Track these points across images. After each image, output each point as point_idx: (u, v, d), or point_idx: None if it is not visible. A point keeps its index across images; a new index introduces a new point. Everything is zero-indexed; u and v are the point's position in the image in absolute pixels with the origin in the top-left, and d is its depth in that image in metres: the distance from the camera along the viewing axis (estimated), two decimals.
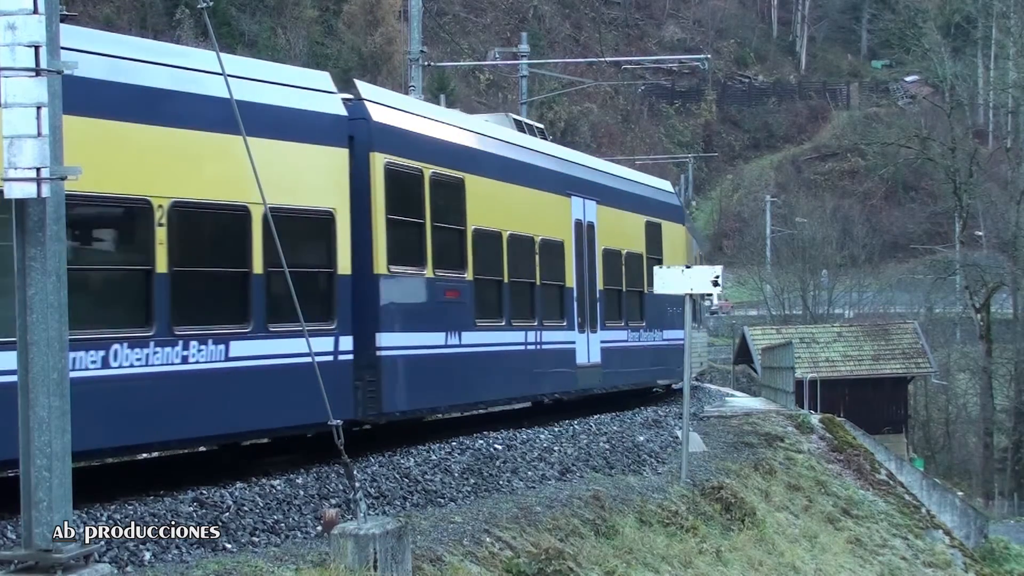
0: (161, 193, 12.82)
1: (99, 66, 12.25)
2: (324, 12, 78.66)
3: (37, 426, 8.25)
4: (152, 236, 12.68)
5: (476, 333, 18.28)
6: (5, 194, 8.18)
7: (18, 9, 8.05)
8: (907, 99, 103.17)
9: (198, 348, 13.14)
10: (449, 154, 17.95)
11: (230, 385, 13.61)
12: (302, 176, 14.87)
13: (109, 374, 11.95)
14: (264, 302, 13.96)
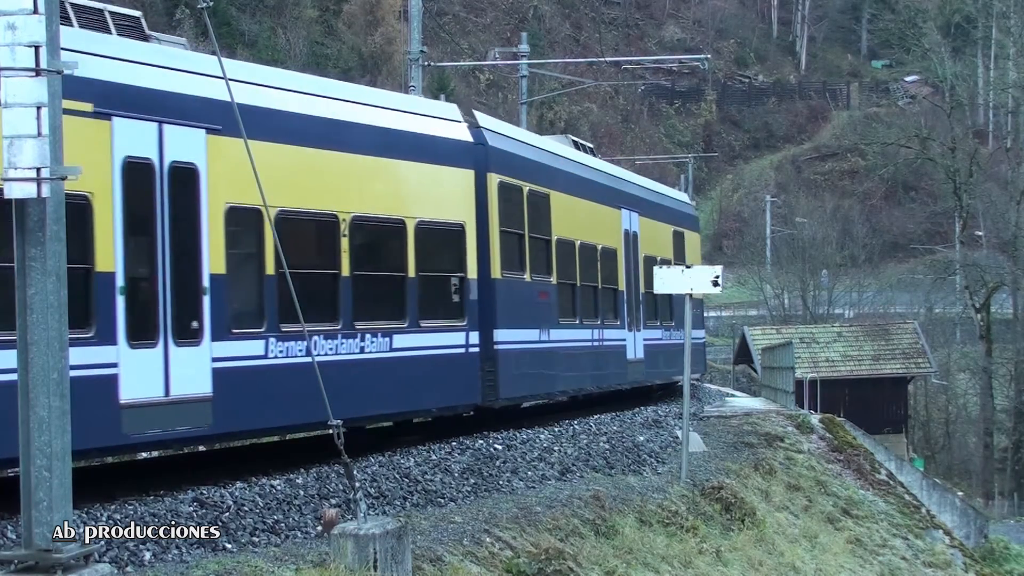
0: (344, 209, 15.51)
1: (294, 102, 15.06)
2: (324, 12, 78.61)
3: (37, 426, 8.25)
4: (338, 245, 15.33)
5: (559, 330, 21.17)
6: (5, 194, 8.19)
7: (18, 9, 8.05)
8: (907, 99, 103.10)
9: (371, 340, 15.84)
10: (540, 173, 20.87)
11: (393, 372, 16.21)
12: (442, 194, 17.69)
13: (307, 361, 13.57)
14: (417, 302, 16.72)
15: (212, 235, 13.56)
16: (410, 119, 17.34)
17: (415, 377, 16.60)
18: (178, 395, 12.95)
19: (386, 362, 16.10)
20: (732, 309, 77.44)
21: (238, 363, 13.74)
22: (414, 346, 16.68)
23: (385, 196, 16.46)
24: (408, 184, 16.93)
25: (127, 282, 12.54)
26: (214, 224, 13.58)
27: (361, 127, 16.13)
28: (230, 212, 13.78)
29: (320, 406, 12.21)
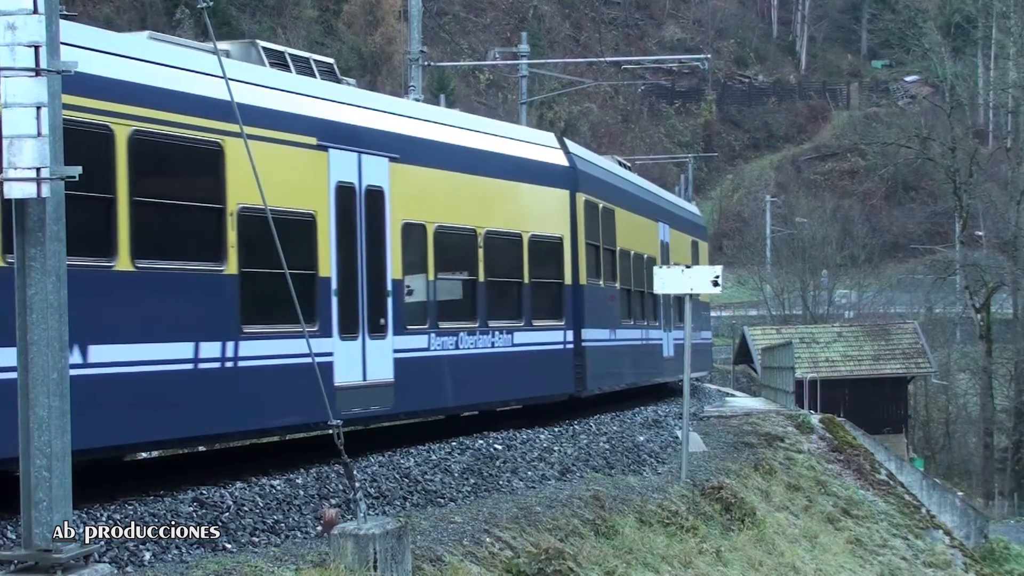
0: (480, 224, 18.52)
1: (445, 134, 18.08)
2: (324, 12, 78.61)
3: (37, 426, 8.25)
4: (476, 255, 18.28)
5: (621, 330, 24.29)
6: (5, 194, 8.19)
7: (18, 9, 8.05)
8: (907, 99, 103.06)
9: (499, 337, 18.83)
10: (609, 191, 24.06)
11: (514, 364, 19.28)
12: (547, 211, 20.80)
13: (457, 354, 17.63)
14: (530, 304, 19.76)
15: (393, 246, 16.42)
16: (525, 147, 20.73)
17: (529, 368, 19.79)
18: (372, 380, 15.75)
19: (509, 355, 19.23)
20: (732, 309, 77.40)
21: (411, 354, 16.68)
22: (528, 342, 19.79)
23: (508, 213, 19.66)
24: (523, 203, 20.22)
25: (339, 285, 15.25)
26: (394, 237, 16.46)
27: (491, 154, 19.32)
28: (405, 227, 16.69)
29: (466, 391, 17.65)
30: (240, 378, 13.68)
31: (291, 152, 14.64)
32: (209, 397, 13.34)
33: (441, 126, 18.28)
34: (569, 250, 21.03)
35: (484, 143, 19.26)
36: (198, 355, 13.15)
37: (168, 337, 12.83)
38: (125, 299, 12.37)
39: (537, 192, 20.51)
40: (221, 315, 13.50)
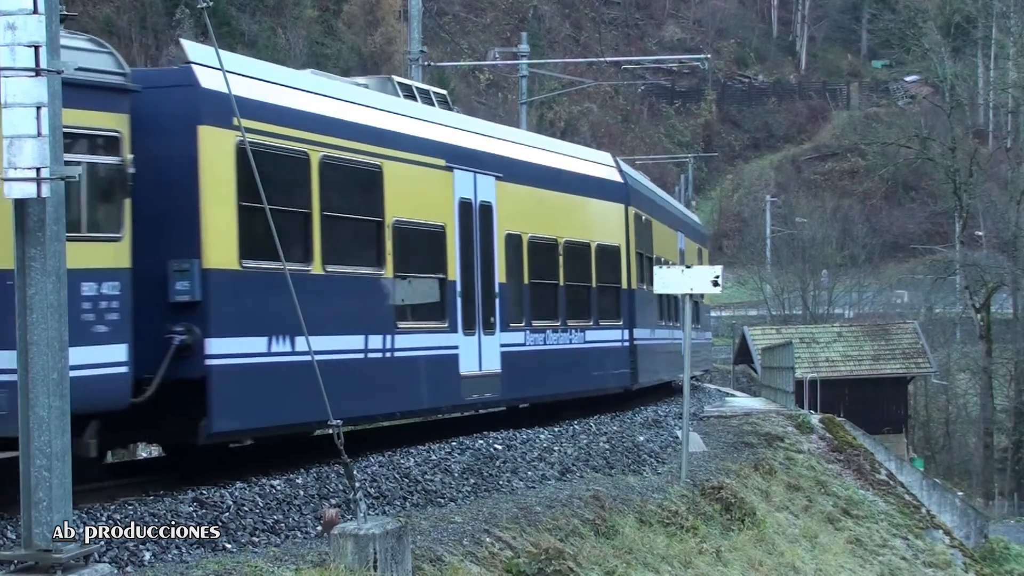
0: (560, 235, 21.05)
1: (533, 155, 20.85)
2: (324, 12, 78.58)
3: (37, 426, 8.25)
4: (557, 262, 20.80)
5: (659, 330, 26.92)
6: (5, 194, 8.19)
7: (18, 9, 8.05)
8: (907, 99, 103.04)
9: (575, 335, 21.42)
10: (647, 204, 26.82)
11: (587, 359, 21.90)
12: (608, 223, 23.33)
13: (544, 349, 20.38)
14: (597, 305, 22.25)
15: (499, 254, 18.89)
16: (589, 165, 23.39)
17: (597, 363, 22.28)
18: (486, 370, 18.44)
19: (583, 351, 21.86)
20: (732, 309, 77.43)
21: (512, 348, 19.27)
22: (597, 340, 22.34)
23: (580, 225, 22.27)
24: (591, 216, 22.83)
25: (462, 288, 17.83)
26: (500, 246, 18.93)
27: (567, 172, 21.96)
28: (507, 237, 19.23)
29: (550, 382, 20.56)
30: (394, 367, 16.24)
31: (428, 173, 17.26)
32: (373, 383, 15.83)
33: (529, 148, 21.13)
34: (624, 257, 23.50)
35: (561, 163, 22.06)
36: (367, 346, 15.66)
37: (347, 331, 15.33)
38: (317, 298, 14.57)
39: (600, 206, 23.23)
40: (382, 312, 16.09)
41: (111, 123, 12.05)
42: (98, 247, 11.84)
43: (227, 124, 13.07)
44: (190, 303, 12.87)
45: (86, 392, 11.29)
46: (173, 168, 12.94)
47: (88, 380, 11.54)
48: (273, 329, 13.88)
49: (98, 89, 11.90)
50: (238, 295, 13.47)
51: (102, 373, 11.94)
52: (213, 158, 13.19)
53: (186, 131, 13.07)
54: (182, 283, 12.89)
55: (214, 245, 13.16)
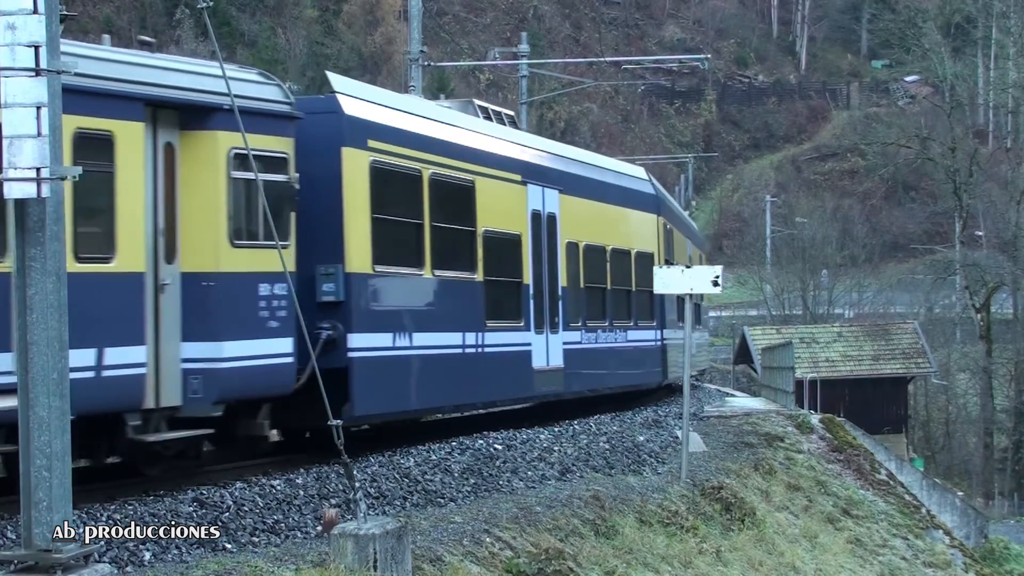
0: (607, 243, 23.50)
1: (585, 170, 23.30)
2: (324, 12, 78.59)
3: (37, 426, 8.25)
4: (606, 268, 23.14)
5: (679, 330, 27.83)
6: (5, 194, 8.19)
7: (18, 9, 8.05)
8: (907, 99, 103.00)
9: (619, 334, 23.69)
10: (671, 214, 29.72)
11: (629, 357, 24.18)
12: (644, 232, 25.88)
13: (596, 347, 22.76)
14: (636, 307, 24.64)
15: (561, 260, 21.12)
16: (627, 179, 25.87)
17: (636, 361, 24.44)
18: (552, 365, 20.67)
19: (625, 349, 24.17)
20: (732, 309, 77.43)
21: (572, 346, 21.49)
22: (636, 339, 24.75)
23: (623, 234, 24.60)
24: (631, 225, 25.26)
25: (533, 290, 20.13)
26: (561, 253, 21.17)
27: (611, 185, 24.43)
28: (568, 245, 21.50)
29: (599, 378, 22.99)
30: (484, 361, 18.53)
31: (507, 187, 19.60)
32: (468, 376, 18.08)
33: (582, 163, 23.65)
34: (657, 263, 24.86)
35: (607, 177, 24.59)
36: (464, 343, 17.91)
37: (450, 328, 17.55)
38: (428, 299, 17.14)
39: (638, 216, 25.74)
40: (476, 312, 18.31)
41: (281, 146, 14.13)
42: (271, 253, 13.06)
43: (363, 146, 15.59)
44: (335, 303, 15.07)
45: (262, 379, 13.77)
46: (321, 184, 14.88)
47: (264, 369, 13.73)
48: (396, 326, 16.18)
49: (272, 117, 14.00)
50: (372, 296, 15.81)
51: (274, 363, 13.92)
52: (353, 176, 15.38)
53: (332, 152, 15.15)
54: (328, 285, 15.07)
55: (354, 252, 15.32)
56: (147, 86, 12.76)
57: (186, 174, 13.17)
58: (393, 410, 16.59)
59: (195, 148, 13.21)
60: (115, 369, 12.19)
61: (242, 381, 13.52)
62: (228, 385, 13.31)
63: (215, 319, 13.22)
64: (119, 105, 12.32)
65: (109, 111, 12.20)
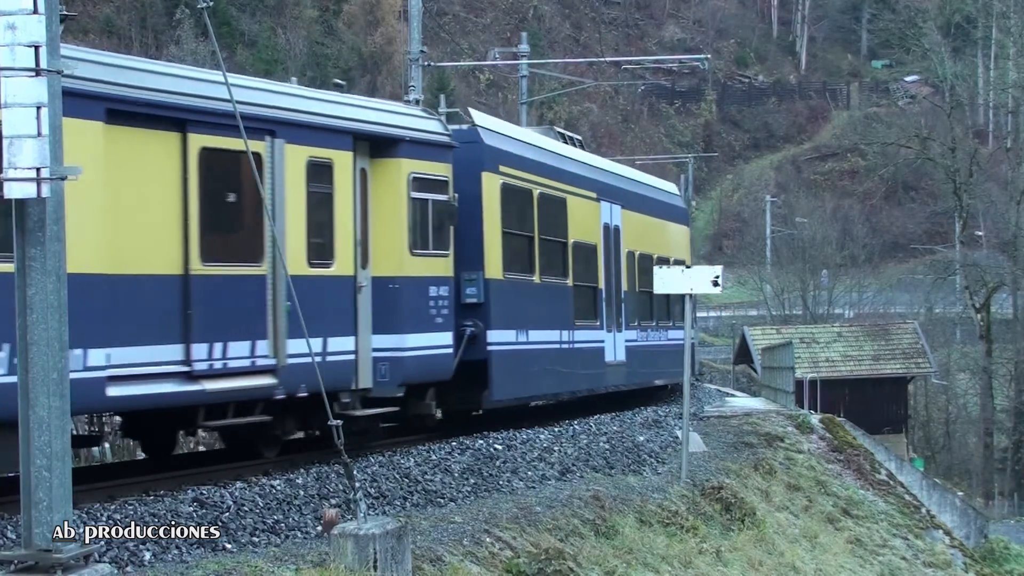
0: (653, 252, 26.21)
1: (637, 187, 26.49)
2: (324, 12, 78.53)
3: (37, 426, 8.24)
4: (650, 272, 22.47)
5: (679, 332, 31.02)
6: (5, 194, 8.18)
7: (18, 9, 8.04)
8: (907, 99, 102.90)
9: (662, 333, 26.86)
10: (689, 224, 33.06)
11: (668, 355, 26.27)
12: (679, 241, 29.37)
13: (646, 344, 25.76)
14: (673, 310, 27.08)
15: (623, 267, 24.36)
16: (667, 195, 29.42)
17: (676, 358, 24.97)
18: (617, 360, 23.81)
19: (667, 347, 26.75)
20: (732, 309, 77.43)
21: (631, 343, 24.64)
22: (672, 338, 27.32)
23: (664, 243, 27.84)
24: (670, 235, 28.57)
25: (605, 294, 23.23)
26: (623, 261, 24.42)
27: (657, 201, 27.95)
28: (627, 254, 24.66)
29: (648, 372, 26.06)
30: (572, 356, 21.54)
31: (587, 204, 22.69)
32: (562, 368, 21.09)
33: (635, 181, 26.99)
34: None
35: (652, 193, 27.95)
36: (560, 339, 21.02)
37: (552, 327, 20.69)
38: (537, 302, 20.05)
39: (674, 227, 29.16)
40: (567, 313, 21.48)
41: (443, 171, 17.09)
42: (437, 260, 16.92)
43: (496, 170, 18.71)
44: (476, 304, 17.94)
45: (431, 366, 16.74)
46: (464, 202, 17.50)
47: (433, 357, 16.69)
48: (518, 324, 19.21)
49: (435, 146, 16.97)
50: (503, 298, 18.60)
51: (440, 353, 16.86)
52: (489, 195, 18.46)
53: (474, 176, 18.08)
54: (471, 288, 17.92)
55: (491, 260, 18.32)
56: (352, 121, 15.57)
57: (376, 194, 16.12)
58: (517, 396, 19.81)
59: (383, 173, 16.20)
60: (336, 355, 14.96)
61: (418, 368, 16.43)
62: (408, 371, 16.22)
63: (399, 315, 16.13)
64: (336, 138, 15.17)
65: (330, 143, 15.04)
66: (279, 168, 14.14)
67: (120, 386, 12.24)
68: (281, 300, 13.94)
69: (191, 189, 13.05)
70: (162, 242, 12.75)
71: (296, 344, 13.83)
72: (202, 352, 13.04)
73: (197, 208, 13.09)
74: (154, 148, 12.77)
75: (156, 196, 12.78)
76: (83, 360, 11.76)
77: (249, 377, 13.66)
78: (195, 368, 12.99)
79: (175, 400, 13.02)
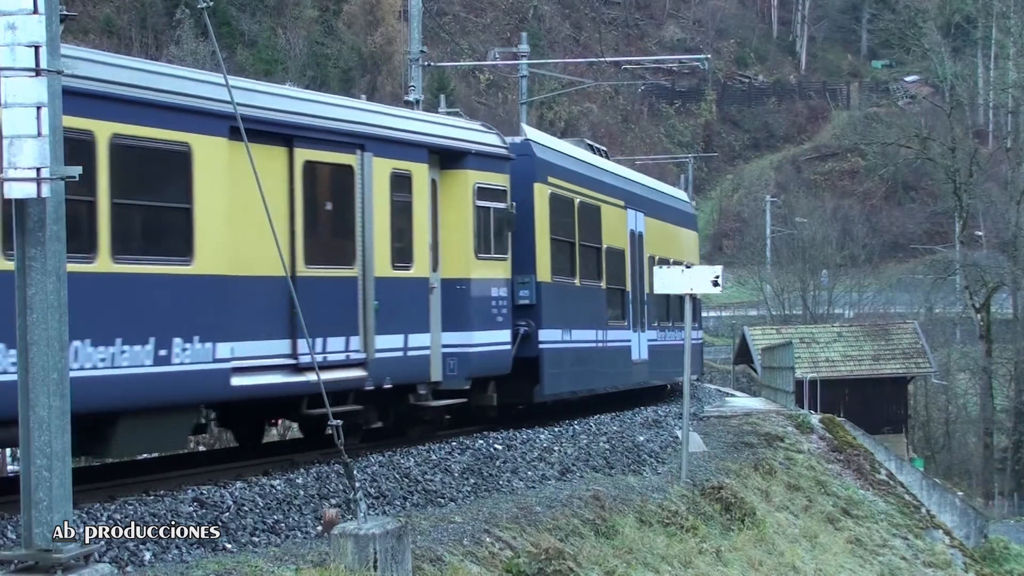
0: (667, 256, 26.69)
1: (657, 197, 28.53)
2: (324, 12, 78.53)
3: (37, 426, 8.24)
4: None
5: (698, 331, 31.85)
6: (5, 194, 8.18)
7: (18, 9, 8.04)
8: (907, 99, 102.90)
9: (677, 334, 26.80)
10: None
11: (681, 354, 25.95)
12: (690, 246, 31.33)
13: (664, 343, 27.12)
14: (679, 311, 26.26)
15: (646, 271, 25.14)
16: (679, 202, 31.56)
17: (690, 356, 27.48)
18: (641, 358, 25.29)
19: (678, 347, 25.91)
20: (732, 309, 77.41)
21: (652, 342, 26.12)
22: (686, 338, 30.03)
23: (679, 249, 29.58)
24: (682, 241, 30.52)
25: (632, 296, 24.81)
26: (646, 265, 25.31)
27: (672, 208, 29.69)
28: (649, 259, 25.58)
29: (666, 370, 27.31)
30: (605, 354, 23.15)
31: (617, 211, 24.26)
32: (597, 365, 22.59)
33: (655, 190, 28.96)
34: None
35: (668, 200, 29.82)
36: (595, 338, 22.60)
37: (589, 326, 22.29)
38: (578, 303, 21.68)
39: (687, 234, 31.16)
40: (601, 314, 23.06)
41: (502, 182, 18.59)
42: (498, 264, 18.45)
43: (545, 181, 20.25)
44: (528, 305, 19.44)
45: (493, 361, 18.28)
46: (518, 211, 18.90)
47: (494, 353, 18.27)
48: (563, 324, 20.72)
49: (495, 159, 18.54)
50: (551, 300, 20.12)
51: (500, 349, 18.47)
52: (540, 204, 19.98)
53: (527, 186, 19.50)
54: (524, 291, 19.38)
55: (541, 265, 19.83)
56: (426, 136, 17.17)
57: (444, 202, 17.65)
58: (563, 391, 21.27)
59: (451, 183, 17.72)
60: (414, 351, 16.52)
61: (482, 362, 18.00)
62: (474, 366, 17.79)
63: (466, 314, 17.67)
64: (415, 151, 16.72)
65: (409, 156, 16.59)
66: (368, 179, 15.63)
67: (241, 377, 13.58)
68: (371, 300, 15.56)
69: (296, 198, 14.54)
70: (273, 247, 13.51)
71: (382, 340, 15.69)
72: (305, 347, 13.98)
73: (301, 215, 14.58)
74: (267, 162, 13.87)
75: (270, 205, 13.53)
76: (212, 353, 13.11)
77: (345, 369, 15.13)
78: (300, 361, 14.21)
79: (284, 390, 14.34)
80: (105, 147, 11.99)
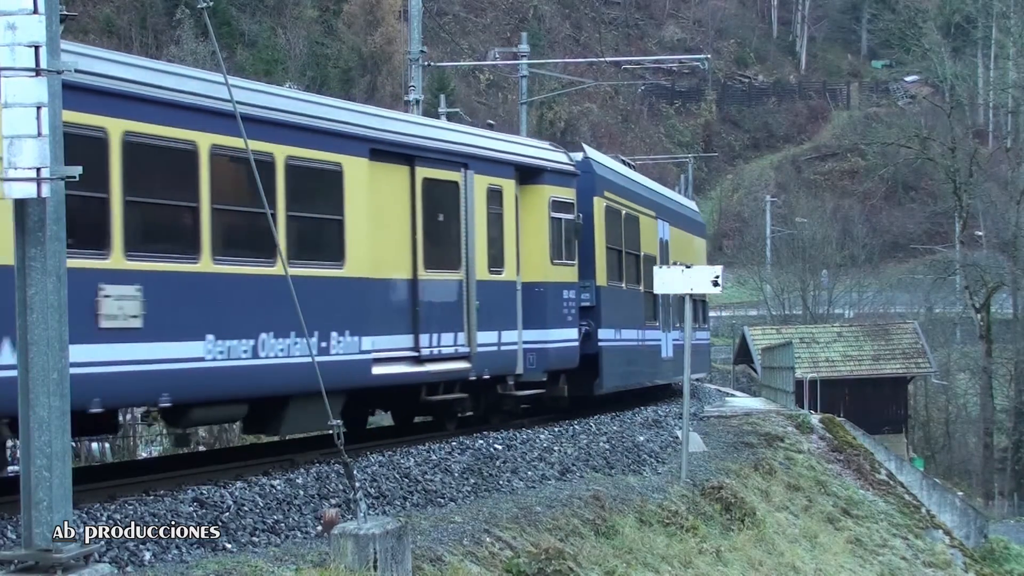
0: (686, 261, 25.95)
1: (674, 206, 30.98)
2: (324, 12, 78.52)
3: (37, 426, 8.24)
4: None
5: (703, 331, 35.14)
6: (5, 194, 8.18)
7: (18, 9, 8.04)
8: (907, 99, 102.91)
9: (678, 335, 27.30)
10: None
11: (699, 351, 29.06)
12: (701, 252, 33.78)
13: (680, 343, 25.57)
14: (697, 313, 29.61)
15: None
16: (692, 211, 34.34)
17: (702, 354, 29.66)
18: (669, 356, 27.36)
19: (697, 347, 28.49)
20: (732, 309, 77.35)
21: (674, 342, 27.67)
22: (700, 338, 31.03)
23: (693, 254, 31.64)
24: (695, 248, 32.84)
25: (660, 299, 26.10)
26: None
27: (688, 218, 32.35)
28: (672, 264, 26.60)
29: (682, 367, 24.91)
30: (643, 352, 25.46)
31: (651, 221, 26.63)
32: (637, 362, 24.96)
33: (674, 200, 31.75)
34: None
35: (684, 211, 32.30)
36: (638, 337, 24.84)
37: (633, 327, 24.56)
38: (624, 305, 23.84)
39: (697, 241, 33.79)
40: (641, 315, 25.28)
41: (570, 195, 20.77)
42: (567, 268, 20.60)
43: (603, 195, 22.50)
44: (589, 307, 21.62)
45: (565, 356, 20.28)
46: (582, 222, 20.94)
47: (566, 349, 20.30)
48: (616, 324, 22.97)
49: (564, 175, 20.74)
50: (607, 303, 22.30)
51: (570, 345, 20.48)
52: (599, 216, 22.21)
53: (588, 200, 21.64)
54: (586, 294, 21.50)
55: (599, 270, 22.14)
56: (513, 155, 19.41)
57: (524, 214, 19.73)
58: (617, 386, 23.48)
59: (531, 197, 19.88)
60: (506, 346, 18.72)
61: (557, 357, 20.04)
62: (551, 360, 19.85)
63: (544, 314, 19.76)
64: (504, 169, 19.01)
65: (500, 173, 18.85)
66: (470, 193, 17.94)
67: (379, 367, 15.71)
68: (473, 300, 17.85)
69: (417, 210, 16.78)
70: (401, 253, 16.29)
71: (482, 336, 17.97)
72: (424, 341, 16.71)
73: (421, 225, 16.79)
74: (395, 179, 16.41)
75: (397, 216, 16.36)
76: (359, 345, 15.22)
77: (454, 362, 17.46)
78: (421, 354, 16.64)
79: (410, 379, 16.66)
80: (282, 167, 14.11)
